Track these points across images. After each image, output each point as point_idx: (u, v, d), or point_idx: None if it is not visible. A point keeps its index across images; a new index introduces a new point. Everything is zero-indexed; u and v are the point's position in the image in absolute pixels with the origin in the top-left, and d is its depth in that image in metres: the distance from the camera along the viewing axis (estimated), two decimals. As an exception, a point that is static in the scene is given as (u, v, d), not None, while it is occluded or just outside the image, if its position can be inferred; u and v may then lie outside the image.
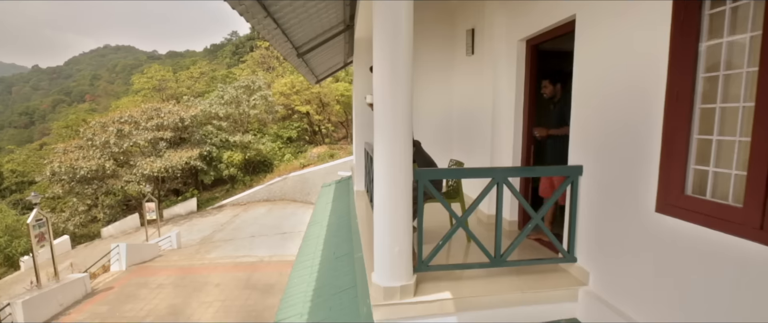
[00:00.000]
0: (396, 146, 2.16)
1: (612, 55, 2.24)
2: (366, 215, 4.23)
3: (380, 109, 2.17)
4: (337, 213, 6.04)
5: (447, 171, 2.39)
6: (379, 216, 2.25)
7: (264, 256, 13.38)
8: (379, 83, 2.16)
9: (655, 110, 1.95)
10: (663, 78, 1.89)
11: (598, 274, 2.42)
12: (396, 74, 2.12)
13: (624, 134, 2.17)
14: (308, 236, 5.53)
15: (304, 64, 6.25)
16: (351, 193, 6.95)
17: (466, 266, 2.50)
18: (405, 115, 2.15)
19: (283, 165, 25.91)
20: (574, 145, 2.63)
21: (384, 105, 2.15)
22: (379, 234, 2.27)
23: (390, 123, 2.15)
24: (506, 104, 3.73)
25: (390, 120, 2.15)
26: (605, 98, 2.31)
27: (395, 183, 2.18)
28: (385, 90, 2.14)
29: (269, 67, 35.22)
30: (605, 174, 2.33)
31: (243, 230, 17.41)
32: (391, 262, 2.25)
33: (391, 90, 2.13)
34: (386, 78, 2.13)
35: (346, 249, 4.05)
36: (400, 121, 2.15)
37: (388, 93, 2.13)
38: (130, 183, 20.22)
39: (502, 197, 2.47)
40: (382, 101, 2.15)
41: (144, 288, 10.86)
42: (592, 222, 2.46)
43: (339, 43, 6.46)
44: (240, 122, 26.36)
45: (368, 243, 3.32)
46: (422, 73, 5.27)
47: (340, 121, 30.93)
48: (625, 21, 2.12)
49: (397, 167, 2.18)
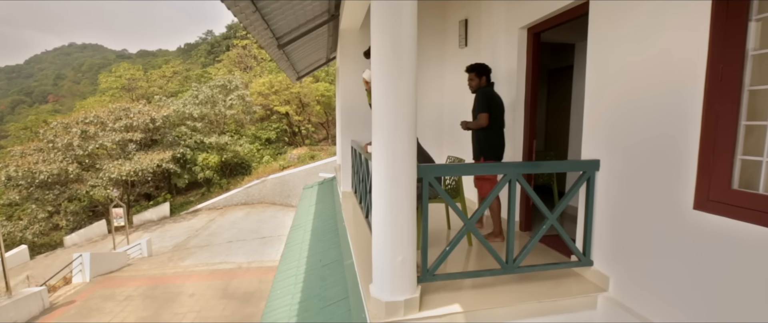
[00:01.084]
0: (398, 139, 1.85)
1: (637, 35, 2.01)
2: (355, 218, 3.90)
3: (381, 96, 1.86)
4: (322, 216, 5.67)
5: (454, 167, 2.12)
6: (379, 221, 1.94)
7: (242, 262, 12.76)
8: (380, 65, 1.85)
9: (692, 94, 1.73)
10: (701, 56, 1.68)
11: (620, 279, 2.19)
12: (398, 55, 1.82)
13: (651, 123, 1.95)
14: (291, 241, 5.14)
15: (284, 58, 5.85)
16: (336, 195, 6.59)
17: (475, 273, 2.22)
18: (408, 101, 1.85)
19: (261, 168, 25.09)
20: (588, 139, 2.40)
21: (385, 90, 1.84)
22: (379, 241, 1.96)
23: (391, 112, 1.85)
24: (505, 96, 3.50)
25: (391, 108, 1.84)
26: (628, 85, 2.09)
27: (398, 182, 1.88)
28: (387, 73, 1.83)
29: (247, 67, 34.19)
30: (628, 169, 2.11)
31: (219, 235, 16.64)
32: (394, 273, 1.94)
33: (394, 71, 1.82)
34: (388, 60, 1.83)
35: (334, 256, 3.70)
36: (403, 110, 1.84)
37: (390, 76, 1.83)
38: (97, 187, 18.96)
39: (515, 195, 2.21)
40: (383, 87, 1.85)
41: (110, 300, 10.06)
42: (612, 222, 2.24)
43: (322, 36, 6.10)
44: (216, 123, 25.35)
45: (360, 249, 3.00)
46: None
47: (320, 122, 30.33)
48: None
49: (400, 164, 1.87)
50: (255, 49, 34.35)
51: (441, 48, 5.15)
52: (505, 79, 3.49)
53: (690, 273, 1.78)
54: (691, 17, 1.72)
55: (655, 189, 1.94)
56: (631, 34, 2.05)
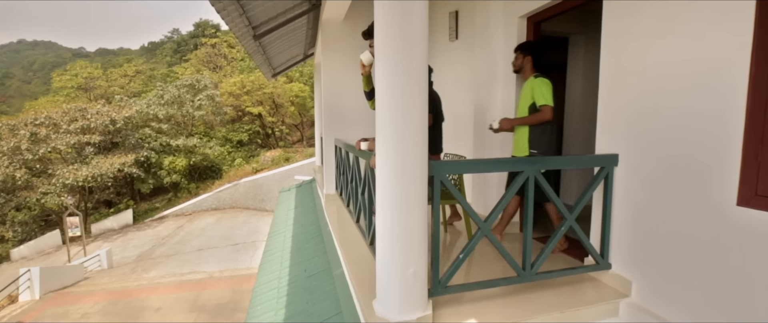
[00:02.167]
0: (408, 131, 1.57)
1: (664, 20, 1.83)
2: (342, 222, 3.58)
3: (387, 80, 1.57)
4: (303, 221, 5.29)
5: (469, 163, 1.87)
6: (386, 228, 1.65)
7: (214, 272, 12.04)
8: (385, 42, 1.57)
9: (732, 83, 1.56)
10: (745, 41, 1.51)
11: (644, 283, 2.01)
12: (409, 28, 1.54)
13: (682, 115, 1.78)
14: (270, 249, 4.73)
15: (260, 51, 5.44)
16: (317, 198, 6.22)
17: (491, 283, 1.97)
18: (420, 85, 1.57)
19: (233, 171, 24.09)
20: (603, 132, 2.22)
21: (392, 72, 1.56)
22: (385, 251, 1.67)
23: (400, 99, 1.56)
24: (503, 90, 3.30)
25: (400, 94, 1.56)
26: (653, 75, 1.91)
27: (408, 182, 1.60)
28: (394, 51, 1.55)
29: (216, 66, 32.86)
30: (654, 164, 1.93)
31: (188, 243, 15.70)
32: (404, 288, 1.66)
33: (403, 48, 1.55)
34: (395, 35, 1.54)
35: (321, 265, 3.37)
36: (413, 96, 1.57)
37: (399, 55, 1.55)
38: (49, 195, 17.42)
39: (530, 194, 1.98)
40: (390, 68, 1.56)
41: (63, 319, 9.13)
42: (633, 222, 2.06)
43: (300, 30, 5.74)
44: (183, 124, 24.09)
45: (352, 257, 2.69)
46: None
47: (294, 124, 29.56)
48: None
49: (411, 160, 1.60)
50: (225, 48, 33.13)
51: (430, 41, 4.93)
52: (502, 72, 3.30)
53: (733, 274, 1.61)
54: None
55: (688, 185, 1.77)
56: (656, 20, 1.88)
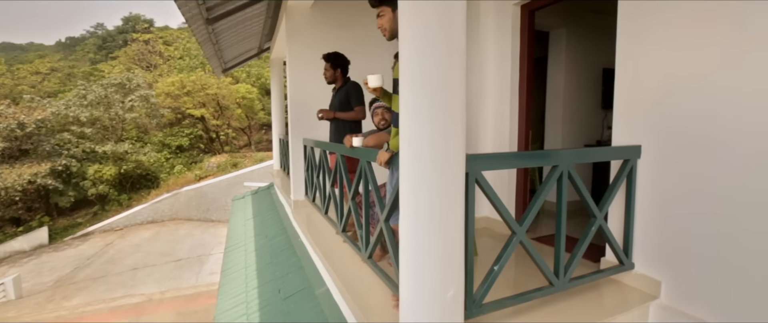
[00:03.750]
0: (451, 118, 1.24)
1: None
2: (319, 232, 3.13)
3: (424, 58, 1.22)
4: (266, 232, 4.70)
5: (505, 157, 1.60)
6: (417, 242, 1.30)
7: (153, 293, 10.67)
8: (416, 14, 1.22)
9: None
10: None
11: (675, 283, 1.87)
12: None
13: (714, 97, 1.65)
14: (230, 267, 4.10)
15: (212, 40, 4.78)
16: (279, 205, 5.64)
17: (525, 297, 1.69)
18: (460, 66, 1.25)
19: (173, 179, 21.95)
20: (622, 122, 2.07)
21: (432, 49, 1.21)
22: (417, 270, 1.31)
23: (438, 80, 1.23)
24: (495, 82, 3.11)
25: (438, 75, 1.22)
26: (683, 58, 1.78)
27: (447, 183, 1.27)
28: (429, 23, 1.21)
29: (150, 65, 29.91)
30: (682, 153, 1.80)
31: (120, 262, 13.85)
32: (442, 313, 1.31)
33: (444, 23, 1.21)
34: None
35: (299, 283, 2.90)
36: (455, 78, 1.24)
37: (439, 29, 1.21)
38: (-67, 214, 14.42)
39: (564, 191, 1.75)
40: (427, 45, 1.21)
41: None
42: (660, 217, 1.92)
43: (258, 19, 5.15)
44: (112, 128, 21.44)
45: (342, 271, 2.28)
46: (374, 58, 4.38)
47: (241, 127, 27.79)
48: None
49: (452, 156, 1.27)
50: (161, 45, 30.34)
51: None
52: (494, 62, 3.10)
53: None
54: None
55: (728, 177, 1.64)
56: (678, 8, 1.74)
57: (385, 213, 1.82)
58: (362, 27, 4.44)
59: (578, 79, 3.87)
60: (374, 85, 1.88)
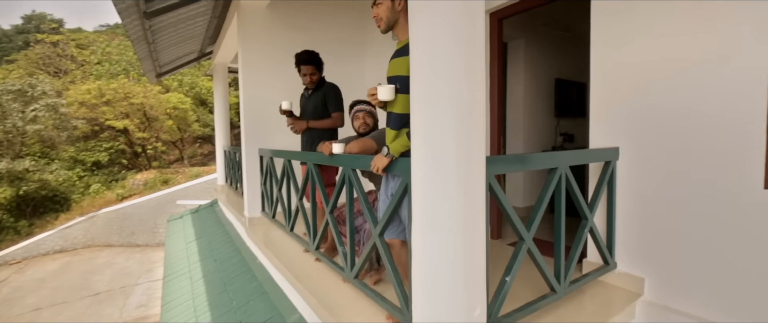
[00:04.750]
0: (474, 121, 1.12)
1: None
2: (285, 252, 2.82)
3: (443, 56, 1.09)
4: (215, 256, 4.18)
5: (517, 159, 1.52)
6: (432, 256, 1.14)
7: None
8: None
9: (754, 60, 1.57)
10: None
11: (658, 279, 1.93)
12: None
13: (690, 101, 1.75)
14: (172, 300, 3.53)
15: (147, 39, 4.21)
16: (228, 224, 5.10)
17: (534, 306, 1.60)
18: (480, 63, 1.14)
19: (88, 200, 19.20)
20: (598, 125, 2.13)
21: (455, 45, 1.08)
22: (440, 289, 1.15)
23: (463, 77, 1.10)
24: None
25: (462, 71, 1.10)
26: (655, 61, 1.87)
27: (472, 192, 1.14)
28: (454, 19, 1.08)
29: (59, 70, 26.22)
30: (661, 155, 1.88)
31: (18, 303, 11.56)
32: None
33: (464, 21, 1.09)
34: None
35: (264, 313, 2.54)
36: (478, 77, 1.12)
37: (459, 26, 1.09)
38: None
39: (562, 193, 1.72)
40: (446, 41, 1.09)
41: None
42: (641, 216, 1.98)
43: (201, 19, 4.68)
44: (8, 143, 18.22)
45: (324, 297, 2.03)
46: (332, 63, 4.19)
47: (172, 140, 25.36)
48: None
49: (476, 160, 1.14)
50: (73, 49, 26.84)
51: (361, 41, 4.53)
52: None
53: (764, 257, 1.59)
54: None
55: (704, 171, 1.74)
56: (651, 10, 1.85)
57: (380, 226, 1.63)
58: (319, 31, 4.23)
59: (535, 88, 4.07)
60: (388, 98, 1.59)
